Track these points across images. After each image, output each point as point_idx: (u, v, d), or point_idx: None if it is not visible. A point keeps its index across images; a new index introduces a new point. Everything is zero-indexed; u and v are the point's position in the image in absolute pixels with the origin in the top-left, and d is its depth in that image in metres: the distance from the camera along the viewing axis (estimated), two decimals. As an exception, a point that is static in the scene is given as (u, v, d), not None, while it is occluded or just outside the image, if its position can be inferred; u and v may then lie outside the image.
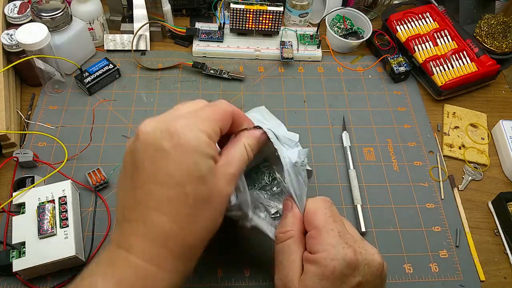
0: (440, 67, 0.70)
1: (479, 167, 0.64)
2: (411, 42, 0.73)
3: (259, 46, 0.75)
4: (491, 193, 0.60)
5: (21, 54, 0.62)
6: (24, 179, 0.54)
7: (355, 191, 0.58)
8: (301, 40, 0.76)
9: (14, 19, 0.65)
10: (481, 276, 0.53)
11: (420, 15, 0.76)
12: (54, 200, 0.51)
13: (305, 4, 0.76)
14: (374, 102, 0.69)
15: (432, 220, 0.57)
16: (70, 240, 0.48)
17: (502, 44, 0.72)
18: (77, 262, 0.49)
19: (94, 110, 0.63)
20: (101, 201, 0.56)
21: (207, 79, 0.71)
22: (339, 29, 0.78)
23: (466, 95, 0.72)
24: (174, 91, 0.69)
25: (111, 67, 0.68)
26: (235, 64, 0.74)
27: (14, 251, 0.48)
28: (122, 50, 0.73)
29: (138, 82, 0.70)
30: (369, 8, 0.81)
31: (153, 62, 0.73)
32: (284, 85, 0.71)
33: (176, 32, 0.74)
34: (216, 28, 0.75)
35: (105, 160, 0.60)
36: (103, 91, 0.68)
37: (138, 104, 0.67)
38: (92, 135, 0.60)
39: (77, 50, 0.68)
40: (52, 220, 0.49)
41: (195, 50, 0.74)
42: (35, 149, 0.60)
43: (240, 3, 0.71)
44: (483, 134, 0.67)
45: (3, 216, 0.54)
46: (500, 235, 0.57)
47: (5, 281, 0.49)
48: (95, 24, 0.70)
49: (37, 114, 0.64)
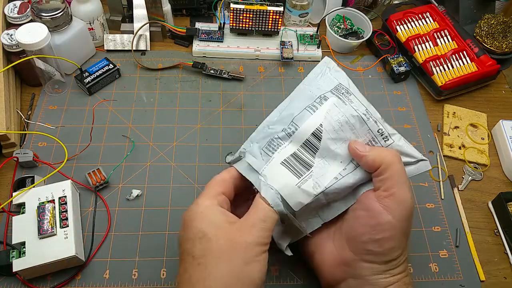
0: (440, 67, 0.70)
1: (479, 167, 0.64)
2: (411, 42, 0.73)
3: (259, 46, 0.75)
4: (491, 193, 0.60)
5: (21, 54, 0.62)
6: (24, 179, 0.54)
7: (355, 191, 0.58)
8: (301, 40, 0.76)
9: (14, 19, 0.65)
10: (481, 276, 0.53)
11: (420, 15, 0.76)
12: (54, 200, 0.51)
13: (305, 4, 0.76)
14: (374, 102, 0.67)
15: (432, 220, 0.57)
16: (70, 240, 0.48)
17: (502, 44, 0.72)
18: (77, 262, 0.49)
19: (94, 110, 0.63)
20: (101, 201, 0.56)
21: (207, 79, 0.71)
22: (339, 29, 0.78)
23: (466, 95, 0.72)
24: (174, 91, 0.69)
25: (111, 67, 0.68)
26: (235, 64, 0.74)
27: (14, 251, 0.48)
28: (122, 50, 0.73)
29: (138, 82, 0.70)
30: (369, 8, 0.81)
31: (153, 62, 0.73)
32: (284, 85, 0.71)
33: (176, 32, 0.74)
34: (216, 28, 0.75)
35: (105, 160, 0.60)
36: (103, 91, 0.68)
37: (138, 104, 0.67)
38: (92, 135, 0.60)
39: (77, 50, 0.68)
40: (52, 220, 0.49)
41: (195, 50, 0.74)
42: (35, 149, 0.60)
43: (240, 3, 0.71)
44: (483, 134, 0.67)
45: (3, 216, 0.54)
46: (500, 235, 0.57)
47: (5, 281, 0.49)
48: (95, 24, 0.70)
49: (37, 114, 0.64)
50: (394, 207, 0.40)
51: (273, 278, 0.51)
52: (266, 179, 0.42)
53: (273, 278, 0.51)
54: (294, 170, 0.42)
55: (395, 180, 0.41)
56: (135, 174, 0.59)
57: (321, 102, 0.44)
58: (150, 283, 0.50)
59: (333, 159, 0.44)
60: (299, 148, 0.43)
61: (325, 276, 0.44)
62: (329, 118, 0.43)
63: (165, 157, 0.61)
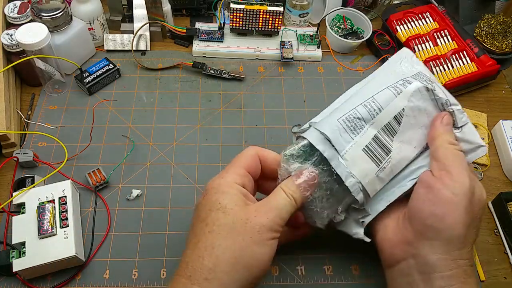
0: (440, 67, 0.70)
1: (479, 167, 0.63)
2: (411, 42, 0.73)
3: (259, 46, 0.75)
4: (491, 193, 0.60)
5: (21, 54, 0.62)
6: (24, 179, 0.54)
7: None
8: (301, 40, 0.76)
9: (14, 19, 0.65)
10: (481, 276, 0.53)
11: (420, 15, 0.76)
12: (54, 200, 0.51)
13: (305, 4, 0.76)
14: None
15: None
16: (70, 240, 0.48)
17: (502, 44, 0.72)
18: (77, 262, 0.49)
19: (94, 110, 0.63)
20: (101, 201, 0.56)
21: (207, 79, 0.71)
22: (339, 29, 0.78)
23: (466, 95, 0.72)
24: (174, 91, 0.69)
25: (111, 67, 0.68)
26: (235, 64, 0.74)
27: (14, 251, 0.48)
28: (122, 50, 0.73)
29: (138, 82, 0.70)
30: (369, 8, 0.81)
31: (153, 62, 0.73)
32: (284, 85, 0.71)
33: (176, 32, 0.74)
34: (216, 28, 0.75)
35: (105, 160, 0.60)
36: (103, 91, 0.68)
37: (138, 104, 0.67)
38: (92, 135, 0.60)
39: (77, 50, 0.68)
40: (52, 220, 0.49)
41: (195, 50, 0.74)
42: (35, 149, 0.60)
43: (240, 3, 0.71)
44: (483, 134, 0.67)
45: (3, 216, 0.54)
46: (500, 235, 0.57)
47: (5, 281, 0.49)
48: (95, 24, 0.70)
49: (37, 114, 0.64)
50: (451, 184, 0.41)
51: (273, 278, 0.51)
52: (347, 164, 0.42)
53: (273, 278, 0.51)
54: (375, 157, 0.43)
55: (451, 160, 0.42)
56: (135, 174, 0.59)
57: (404, 85, 0.44)
58: (150, 283, 0.50)
59: (408, 144, 0.45)
60: (379, 131, 0.43)
61: (386, 254, 0.45)
62: (411, 103, 0.44)
63: (165, 157, 0.61)
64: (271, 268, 0.52)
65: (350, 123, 0.43)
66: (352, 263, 0.53)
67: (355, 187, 0.42)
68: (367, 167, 0.43)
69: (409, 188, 0.45)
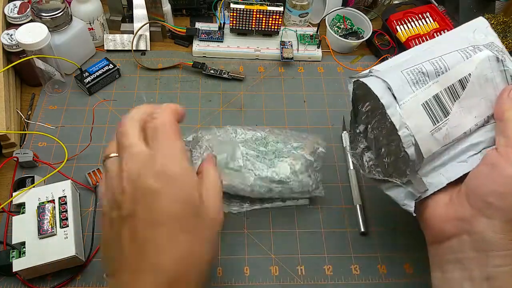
0: (440, 67, 0.70)
1: None
2: (411, 42, 0.73)
3: (259, 46, 0.75)
4: (491, 193, 0.60)
5: (21, 54, 0.62)
6: (24, 179, 0.54)
7: (355, 191, 0.58)
8: (301, 40, 0.76)
9: (14, 19, 0.65)
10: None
11: (420, 15, 0.76)
12: (54, 200, 0.51)
13: (305, 4, 0.76)
14: (374, 102, 0.69)
15: (432, 220, 0.57)
16: (70, 240, 0.48)
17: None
18: (77, 262, 0.49)
19: (94, 110, 0.63)
20: (101, 201, 0.56)
21: (207, 79, 0.71)
22: (339, 29, 0.78)
23: (466, 95, 0.72)
24: (174, 91, 0.69)
25: (111, 67, 0.68)
26: (235, 64, 0.74)
27: (14, 251, 0.48)
28: (122, 50, 0.73)
29: (138, 82, 0.70)
30: (369, 8, 0.81)
31: (153, 62, 0.73)
32: (284, 85, 0.71)
33: (176, 32, 0.74)
34: (216, 28, 0.75)
35: (105, 160, 0.60)
36: (103, 91, 0.68)
37: (138, 104, 0.66)
38: (92, 135, 0.60)
39: (77, 50, 0.68)
40: (52, 220, 0.49)
41: (195, 50, 0.74)
42: (35, 149, 0.60)
43: (240, 3, 0.71)
44: None
45: (3, 216, 0.54)
46: (500, 235, 0.56)
47: (5, 281, 0.49)
48: (95, 24, 0.70)
49: (37, 114, 0.64)
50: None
51: (273, 278, 0.51)
52: (402, 115, 0.41)
53: (273, 278, 0.51)
54: (432, 114, 0.41)
55: None
56: (135, 174, 0.59)
57: (474, 51, 0.43)
58: (150, 283, 0.50)
59: (468, 112, 0.43)
60: (442, 91, 0.42)
61: (435, 230, 0.43)
62: (479, 70, 0.42)
63: (165, 157, 0.61)
64: (271, 268, 0.52)
65: (414, 76, 0.41)
66: (352, 263, 0.53)
67: (407, 139, 0.40)
68: (422, 122, 0.41)
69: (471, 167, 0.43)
